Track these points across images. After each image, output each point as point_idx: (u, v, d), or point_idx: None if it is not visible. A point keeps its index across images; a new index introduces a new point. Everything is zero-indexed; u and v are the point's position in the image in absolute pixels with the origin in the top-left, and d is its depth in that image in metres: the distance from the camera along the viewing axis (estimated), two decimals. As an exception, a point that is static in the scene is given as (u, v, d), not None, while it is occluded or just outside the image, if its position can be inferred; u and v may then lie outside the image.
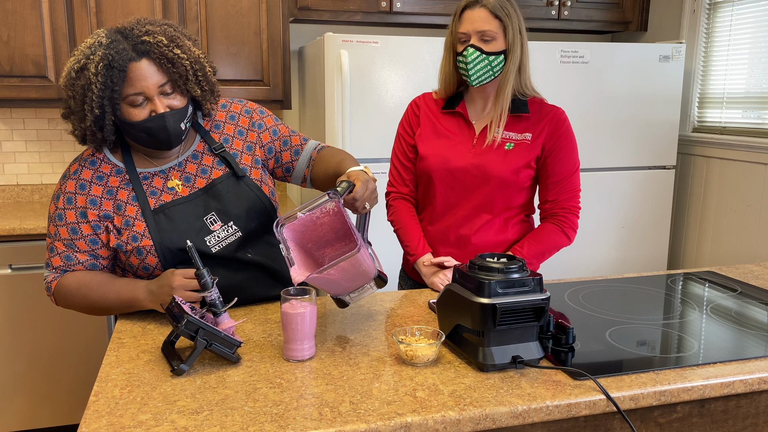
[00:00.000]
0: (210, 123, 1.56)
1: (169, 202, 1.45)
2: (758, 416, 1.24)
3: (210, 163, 1.51)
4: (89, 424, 1.00)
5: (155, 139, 1.39)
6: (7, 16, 2.57)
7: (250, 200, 1.51)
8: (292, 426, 0.99)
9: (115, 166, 1.46)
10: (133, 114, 1.36)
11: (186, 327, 1.17)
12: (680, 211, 3.24)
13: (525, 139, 1.72)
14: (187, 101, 1.42)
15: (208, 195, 1.48)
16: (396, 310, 1.53)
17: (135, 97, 1.34)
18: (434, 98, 1.82)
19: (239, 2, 2.79)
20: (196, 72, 1.41)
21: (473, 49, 1.64)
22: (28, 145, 3.03)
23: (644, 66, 2.91)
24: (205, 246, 1.44)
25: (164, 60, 1.35)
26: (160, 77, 1.36)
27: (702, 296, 1.66)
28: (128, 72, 1.32)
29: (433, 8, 3.03)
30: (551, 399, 1.08)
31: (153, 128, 1.37)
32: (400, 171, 1.86)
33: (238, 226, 1.48)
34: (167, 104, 1.38)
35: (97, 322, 2.57)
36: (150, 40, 1.34)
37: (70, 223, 1.42)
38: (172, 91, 1.39)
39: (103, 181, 1.44)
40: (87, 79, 1.32)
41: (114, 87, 1.32)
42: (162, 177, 1.47)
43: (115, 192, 1.44)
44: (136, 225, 1.42)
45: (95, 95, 1.32)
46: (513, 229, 1.78)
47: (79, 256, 1.43)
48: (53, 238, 1.44)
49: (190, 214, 1.45)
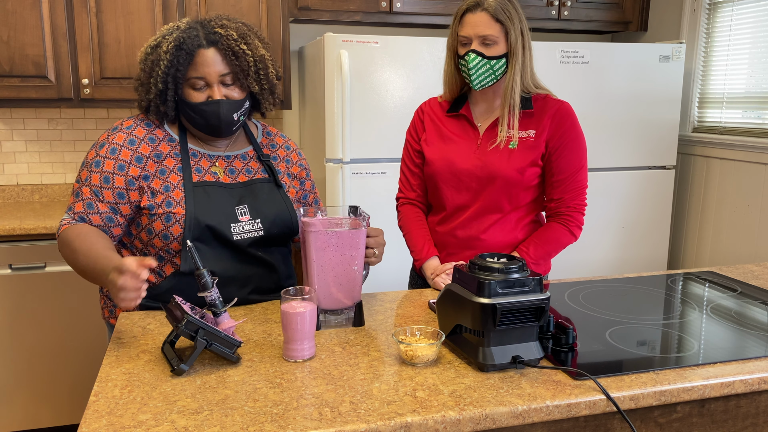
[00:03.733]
0: (268, 140, 1.70)
1: (211, 182, 1.54)
2: (758, 416, 1.24)
3: (255, 167, 1.62)
4: (89, 424, 1.00)
5: (207, 122, 1.50)
6: (7, 16, 2.57)
7: (280, 208, 1.59)
8: (292, 426, 0.99)
9: (168, 135, 1.55)
10: (193, 96, 1.48)
11: (186, 327, 1.17)
12: (680, 211, 3.24)
13: (529, 137, 1.71)
14: (246, 96, 1.53)
15: (245, 189, 1.57)
16: (396, 310, 1.53)
17: (196, 80, 1.47)
18: (439, 102, 1.83)
19: (239, 2, 2.79)
20: (258, 69, 1.52)
21: (474, 54, 1.64)
22: (28, 145, 3.03)
23: (644, 66, 2.91)
24: (228, 231, 1.51)
25: (230, 52, 1.47)
26: (223, 67, 1.47)
27: (702, 296, 1.66)
28: (195, 56, 1.45)
29: (433, 8, 3.03)
30: (551, 399, 1.08)
31: (207, 112, 1.48)
32: (407, 176, 1.87)
33: (263, 225, 1.56)
34: (225, 93, 1.49)
35: (97, 322, 2.58)
36: (222, 32, 1.47)
37: (106, 171, 1.48)
38: (232, 83, 1.50)
39: (154, 143, 1.52)
40: (158, 55, 1.46)
41: (179, 67, 1.45)
42: (209, 160, 1.57)
43: (163, 157, 1.52)
44: (174, 192, 1.49)
45: (161, 71, 1.45)
46: (524, 230, 1.77)
47: (101, 206, 1.48)
48: (82, 183, 1.49)
49: (225, 199, 1.53)
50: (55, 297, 2.52)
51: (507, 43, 1.65)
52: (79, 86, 2.69)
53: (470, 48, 1.65)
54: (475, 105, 1.78)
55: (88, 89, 2.69)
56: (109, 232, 1.49)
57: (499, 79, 1.69)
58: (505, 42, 1.65)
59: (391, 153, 2.67)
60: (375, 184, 2.68)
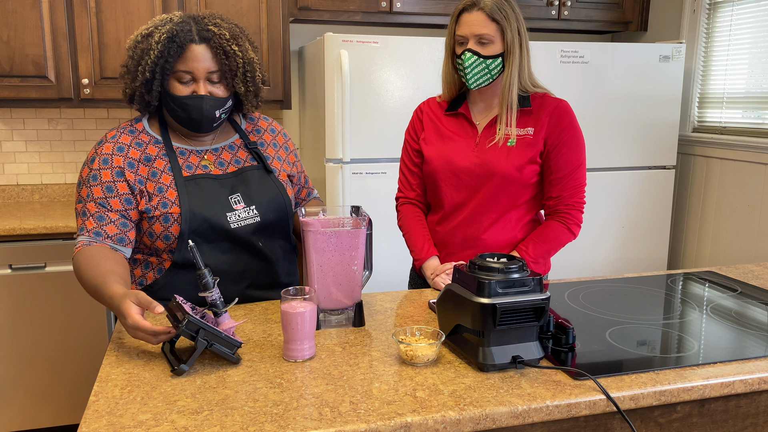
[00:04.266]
0: (252, 126, 1.70)
1: (202, 174, 1.55)
2: (758, 416, 1.24)
3: (244, 156, 1.63)
4: (89, 424, 1.00)
5: (189, 116, 1.51)
6: (7, 16, 2.57)
7: (273, 193, 1.61)
8: (292, 426, 0.99)
9: (153, 137, 1.57)
10: (177, 89, 1.49)
11: (187, 327, 1.16)
12: (680, 211, 3.24)
13: (527, 134, 1.71)
14: (230, 95, 1.55)
15: (236, 178, 1.59)
16: (396, 310, 1.53)
17: (183, 74, 1.48)
18: (438, 102, 1.83)
19: (239, 2, 2.79)
20: (246, 71, 1.54)
21: (470, 54, 1.64)
22: (28, 145, 3.03)
23: (644, 66, 2.90)
24: (225, 221, 1.53)
25: (221, 51, 1.49)
26: (212, 64, 1.49)
27: (702, 296, 1.66)
28: (186, 51, 1.47)
29: (433, 8, 3.03)
30: (551, 399, 1.08)
31: (189, 106, 1.49)
32: (407, 176, 1.88)
33: (258, 211, 1.57)
34: (210, 90, 1.50)
35: (97, 322, 2.58)
36: (215, 30, 1.49)
37: (106, 182, 1.49)
38: (218, 81, 1.51)
39: (141, 147, 1.54)
40: (149, 44, 1.46)
41: (169, 58, 1.46)
42: (198, 155, 1.58)
43: (153, 159, 1.53)
44: (168, 192, 1.51)
45: (150, 60, 1.45)
46: (523, 230, 1.77)
47: (111, 215, 1.48)
48: (85, 201, 1.49)
49: (218, 189, 1.55)
50: (55, 297, 2.52)
51: (503, 42, 1.65)
52: (79, 86, 2.69)
53: (466, 47, 1.65)
54: (473, 104, 1.78)
55: (88, 89, 2.69)
56: (126, 239, 1.49)
57: (496, 78, 1.69)
58: (502, 41, 1.65)
59: (391, 153, 2.67)
60: (375, 184, 2.68)
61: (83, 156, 3.10)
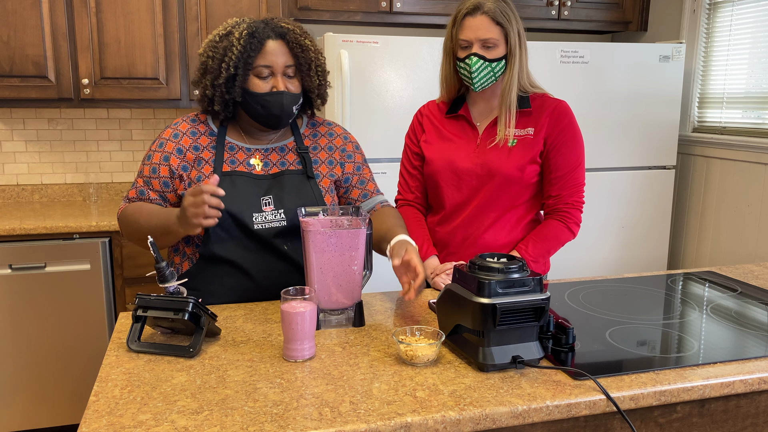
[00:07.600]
0: (311, 131, 1.71)
1: (242, 172, 1.59)
2: (758, 416, 1.24)
3: (291, 159, 1.65)
4: (89, 424, 1.00)
5: (269, 113, 1.55)
6: (7, 16, 2.57)
7: (307, 199, 1.61)
8: (292, 426, 0.99)
9: (210, 128, 1.63)
10: (257, 85, 1.54)
11: (135, 311, 1.28)
12: (680, 211, 3.24)
13: (528, 134, 1.72)
14: (301, 91, 1.60)
15: (274, 180, 1.61)
16: (396, 310, 1.53)
17: (263, 69, 1.53)
18: (437, 104, 1.84)
19: (239, 2, 2.79)
20: (318, 64, 1.60)
21: (477, 58, 1.65)
22: (28, 145, 3.03)
23: (644, 66, 2.91)
24: (249, 221, 1.55)
25: (296, 45, 1.55)
26: (289, 59, 1.55)
27: (702, 296, 1.66)
28: (264, 46, 1.52)
29: (433, 8, 3.03)
30: (551, 399, 1.08)
31: (270, 102, 1.54)
32: (406, 178, 1.88)
33: (286, 216, 1.58)
34: (286, 85, 1.55)
35: (97, 322, 2.58)
36: (288, 27, 1.56)
37: (154, 163, 1.58)
38: (294, 76, 1.57)
39: (195, 136, 1.61)
40: (230, 42, 1.52)
41: (251, 53, 1.51)
42: (246, 153, 1.62)
43: (201, 149, 1.60)
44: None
45: (234, 56, 1.51)
46: (523, 230, 1.78)
47: (151, 194, 1.59)
48: (138, 174, 1.62)
49: (251, 189, 1.58)
50: (55, 297, 2.52)
51: (507, 44, 1.66)
52: (79, 86, 2.69)
53: (471, 51, 1.65)
54: (473, 105, 1.79)
55: (88, 89, 2.69)
56: None
57: (498, 79, 1.70)
58: (505, 44, 1.66)
59: (391, 153, 2.67)
60: (375, 184, 2.68)
61: (83, 156, 3.10)
